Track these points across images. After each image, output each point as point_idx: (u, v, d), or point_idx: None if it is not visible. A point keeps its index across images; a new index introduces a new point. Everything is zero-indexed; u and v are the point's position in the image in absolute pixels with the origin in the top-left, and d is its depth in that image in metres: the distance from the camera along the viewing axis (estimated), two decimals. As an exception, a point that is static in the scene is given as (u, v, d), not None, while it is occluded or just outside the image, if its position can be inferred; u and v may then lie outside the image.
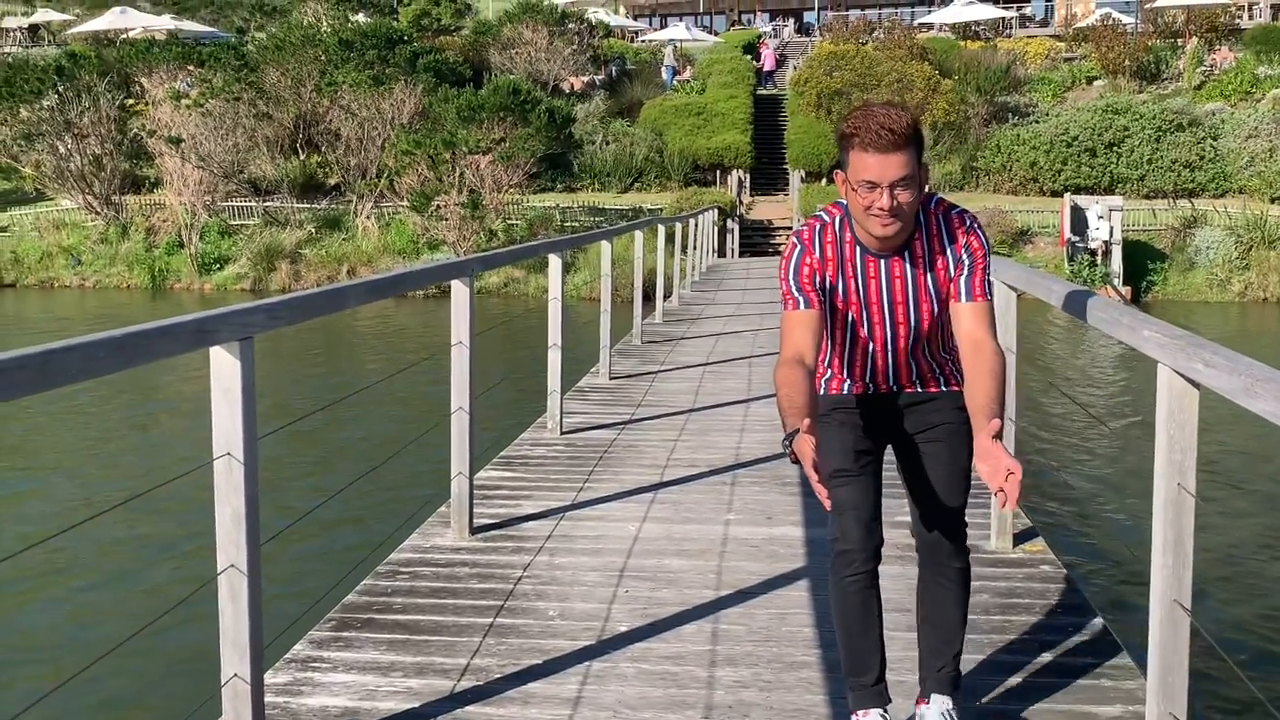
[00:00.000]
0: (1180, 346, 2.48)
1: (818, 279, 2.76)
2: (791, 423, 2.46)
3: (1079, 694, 3.28)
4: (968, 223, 2.76)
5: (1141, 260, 25.87)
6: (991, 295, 2.78)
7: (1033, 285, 4.00)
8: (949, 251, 2.75)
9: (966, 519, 2.95)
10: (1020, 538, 4.71)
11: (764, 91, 37.94)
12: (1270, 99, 31.78)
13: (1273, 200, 28.76)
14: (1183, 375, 2.49)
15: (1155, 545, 2.62)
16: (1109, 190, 29.30)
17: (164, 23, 43.21)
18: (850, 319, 2.82)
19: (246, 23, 46.12)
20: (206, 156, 28.70)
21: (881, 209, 2.59)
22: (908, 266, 2.76)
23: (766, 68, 39.89)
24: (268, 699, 3.05)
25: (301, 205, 29.67)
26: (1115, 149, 30.60)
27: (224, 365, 2.75)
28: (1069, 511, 9.59)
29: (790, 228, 28.12)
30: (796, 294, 2.75)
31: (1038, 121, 32.42)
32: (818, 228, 2.79)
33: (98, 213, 29.45)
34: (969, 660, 3.47)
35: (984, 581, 4.26)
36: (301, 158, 31.56)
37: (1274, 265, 24.72)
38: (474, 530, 4.89)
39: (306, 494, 9.51)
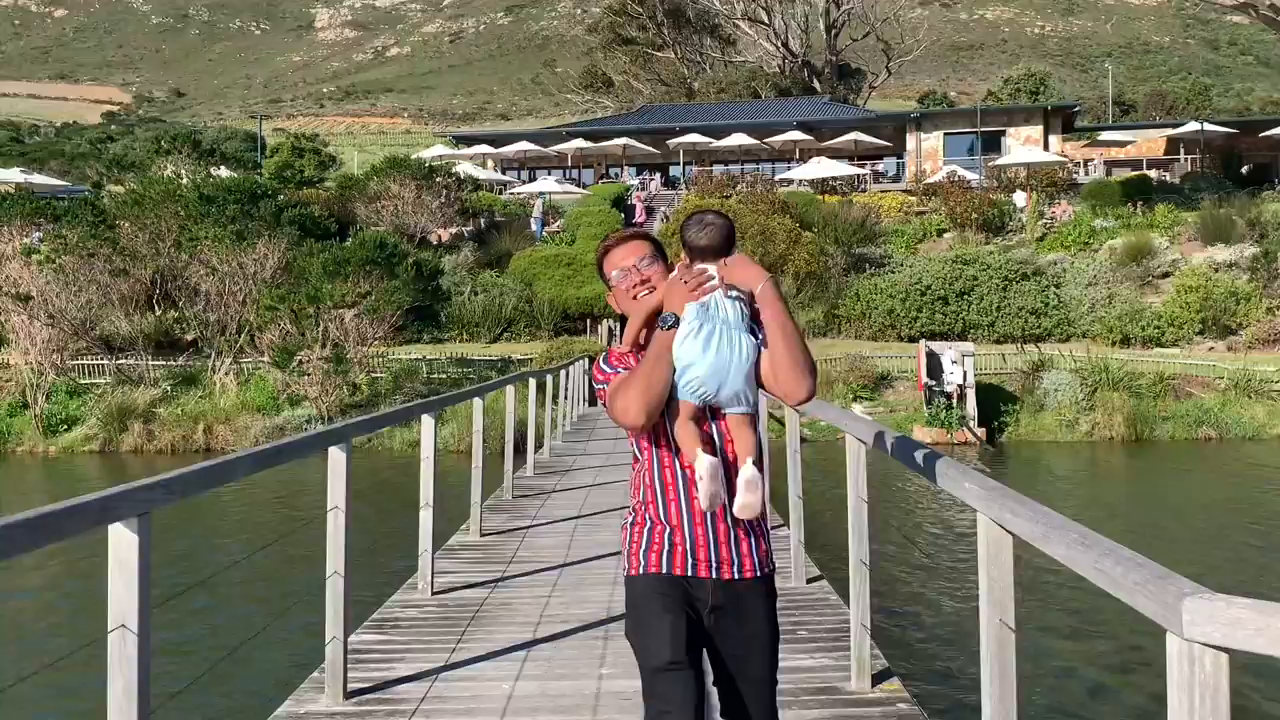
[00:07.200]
0: (993, 497, 2.71)
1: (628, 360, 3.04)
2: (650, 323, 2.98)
3: None
4: None
5: (995, 403, 26.78)
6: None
7: (857, 429, 4.02)
8: None
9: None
10: (878, 678, 4.70)
11: (630, 244, 38.71)
12: (1107, 249, 33.83)
13: (1114, 344, 30.32)
14: (997, 523, 2.67)
15: (984, 676, 2.81)
16: (962, 336, 30.52)
17: (13, 175, 42.30)
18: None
19: (102, 176, 45.43)
20: (57, 314, 27.74)
21: (635, 285, 3.07)
22: None
23: (638, 219, 40.88)
24: None
25: (156, 362, 28.78)
26: (966, 297, 32.02)
27: (122, 541, 2.81)
28: (925, 649, 9.62)
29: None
30: (613, 373, 3.00)
31: (893, 271, 33.79)
32: (617, 354, 3.09)
33: (-66, 373, 28.03)
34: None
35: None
36: (157, 313, 30.77)
37: (1118, 406, 25.83)
38: (348, 695, 4.64)
39: (181, 664, 8.88)
